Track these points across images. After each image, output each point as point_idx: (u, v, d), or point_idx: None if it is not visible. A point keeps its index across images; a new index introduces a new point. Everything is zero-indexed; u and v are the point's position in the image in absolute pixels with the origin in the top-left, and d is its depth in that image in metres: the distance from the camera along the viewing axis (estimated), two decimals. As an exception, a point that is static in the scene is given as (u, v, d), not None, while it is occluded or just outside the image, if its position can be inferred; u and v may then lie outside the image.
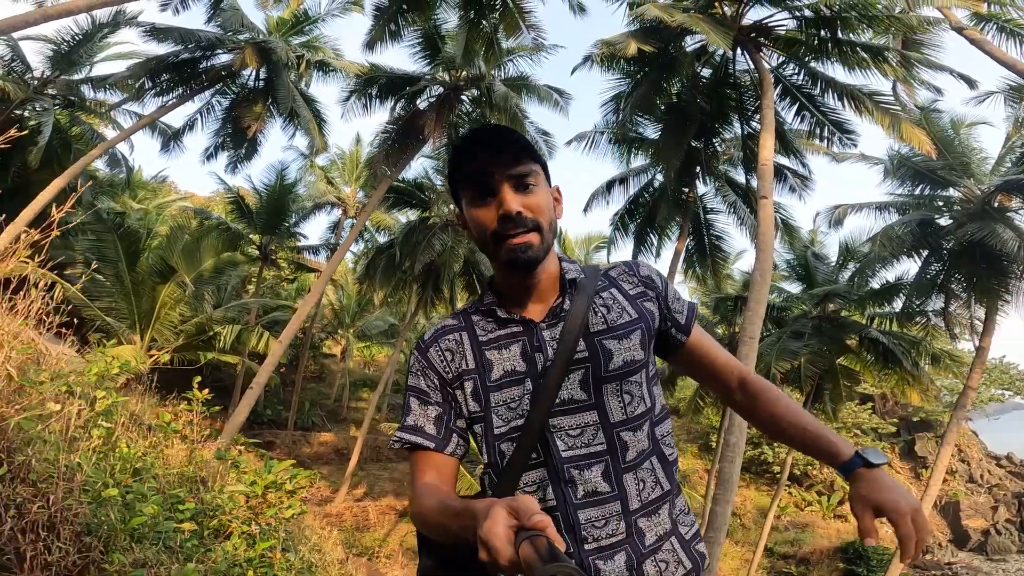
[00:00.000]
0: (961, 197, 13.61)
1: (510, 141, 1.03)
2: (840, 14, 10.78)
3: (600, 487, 1.00)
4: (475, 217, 1.04)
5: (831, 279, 14.87)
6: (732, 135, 13.31)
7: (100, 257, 11.82)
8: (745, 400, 1.16)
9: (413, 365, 1.12)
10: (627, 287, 1.13)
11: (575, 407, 1.02)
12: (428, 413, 1.07)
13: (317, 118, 14.32)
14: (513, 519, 0.65)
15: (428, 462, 1.04)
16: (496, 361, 1.05)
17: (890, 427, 23.01)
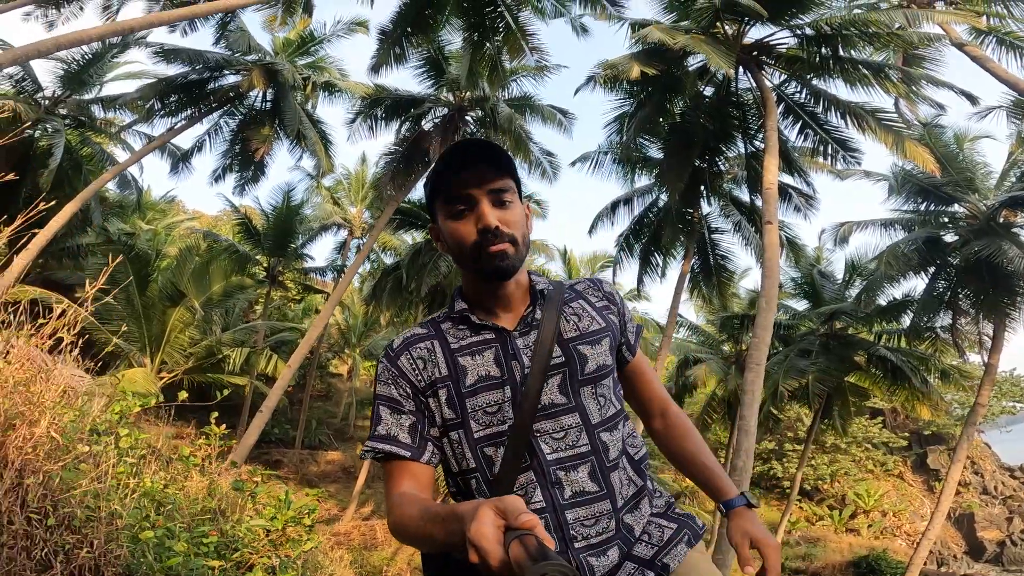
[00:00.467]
0: (966, 213, 13.73)
1: (488, 157, 1.06)
2: (840, 31, 10.97)
3: (588, 487, 1.03)
4: (453, 230, 1.07)
5: (838, 297, 14.95)
6: (736, 153, 13.48)
7: (111, 280, 12.04)
8: (662, 428, 1.26)
9: (382, 374, 1.12)
10: (592, 299, 1.18)
11: (556, 411, 1.05)
12: (401, 422, 1.07)
13: (323, 139, 14.60)
14: (500, 519, 0.66)
15: (404, 471, 1.04)
16: (470, 367, 1.07)
17: (901, 441, 22.95)
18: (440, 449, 1.09)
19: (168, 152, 14.90)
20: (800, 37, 11.61)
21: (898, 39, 11.59)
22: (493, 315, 1.11)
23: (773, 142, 9.76)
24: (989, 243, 12.22)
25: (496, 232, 1.02)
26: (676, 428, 1.25)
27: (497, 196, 1.05)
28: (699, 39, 10.55)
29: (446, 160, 1.06)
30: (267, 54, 14.36)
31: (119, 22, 7.88)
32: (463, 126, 14.03)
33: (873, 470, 23.09)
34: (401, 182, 12.94)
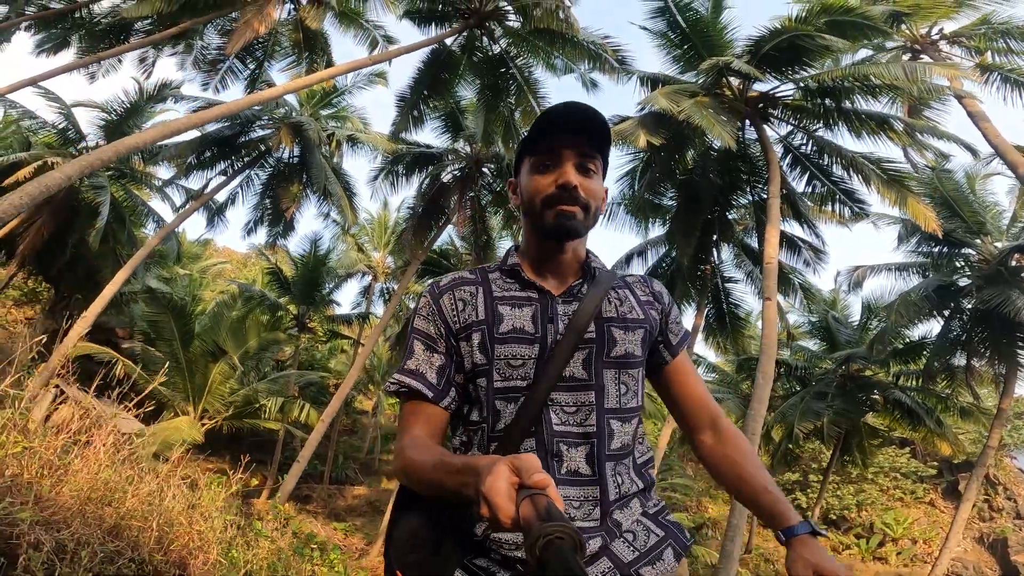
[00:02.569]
0: (977, 257, 14.20)
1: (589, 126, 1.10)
2: (842, 84, 11.62)
3: (582, 468, 1.04)
4: (532, 181, 1.11)
5: (853, 340, 15.52)
6: (747, 200, 14.17)
7: (157, 336, 13.41)
8: (714, 444, 1.19)
9: (422, 309, 1.14)
10: (639, 293, 1.21)
11: (575, 384, 1.06)
12: (432, 360, 1.09)
13: (347, 191, 15.79)
14: (515, 476, 0.67)
15: (421, 412, 1.06)
16: (507, 316, 1.09)
17: (930, 470, 23.19)
18: (462, 397, 1.11)
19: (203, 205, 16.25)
20: (804, 90, 12.25)
21: (900, 92, 12.21)
22: (543, 278, 1.15)
23: (775, 212, 10.43)
24: (999, 292, 12.70)
25: (573, 193, 1.07)
26: (729, 444, 1.18)
27: (584, 163, 1.10)
28: (703, 105, 11.31)
29: (549, 115, 1.11)
30: (293, 109, 15.62)
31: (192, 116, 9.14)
32: (480, 177, 15.06)
33: (903, 498, 23.37)
34: (422, 238, 14.02)
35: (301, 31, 14.02)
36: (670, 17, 12.91)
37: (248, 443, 18.45)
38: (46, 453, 3.17)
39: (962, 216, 14.39)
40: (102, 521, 3.14)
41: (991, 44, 14.11)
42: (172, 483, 4.25)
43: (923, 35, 15.00)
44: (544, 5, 12.18)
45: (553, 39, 12.73)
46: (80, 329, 11.26)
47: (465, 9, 13.31)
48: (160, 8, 12.72)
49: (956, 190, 14.39)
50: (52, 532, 2.70)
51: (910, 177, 12.46)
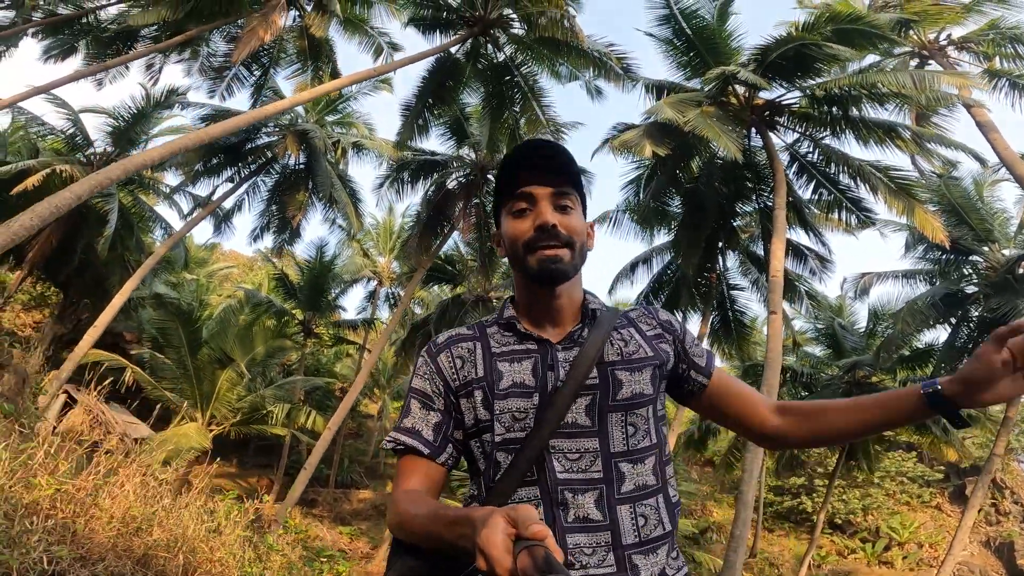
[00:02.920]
0: (985, 264, 14.26)
1: (557, 163, 1.10)
2: (849, 93, 11.66)
3: (592, 515, 1.01)
4: (511, 228, 1.10)
5: (859, 347, 15.61)
6: (752, 208, 14.26)
7: (165, 343, 13.62)
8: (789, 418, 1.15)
9: (420, 368, 1.15)
10: (645, 328, 1.18)
11: (577, 431, 1.04)
12: (428, 418, 1.09)
13: (353, 198, 15.93)
14: (512, 528, 0.67)
15: (418, 468, 1.06)
16: (506, 372, 1.08)
17: (937, 474, 23.28)
18: (460, 453, 1.12)
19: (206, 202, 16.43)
20: (810, 98, 12.28)
21: (908, 100, 12.26)
22: (540, 327, 1.14)
23: (781, 223, 10.51)
24: (1007, 301, 12.76)
25: (553, 232, 1.06)
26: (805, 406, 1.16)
27: (559, 200, 1.09)
28: (709, 115, 11.39)
29: (513, 159, 1.11)
30: (298, 116, 15.78)
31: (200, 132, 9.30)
32: (485, 184, 15.20)
33: (909, 502, 23.49)
34: (427, 245, 14.18)
35: (306, 38, 14.17)
36: (675, 25, 12.97)
37: (254, 447, 18.71)
38: (78, 494, 3.34)
39: (969, 223, 14.42)
40: (132, 553, 3.31)
41: (999, 49, 14.13)
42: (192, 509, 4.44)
43: (931, 41, 15.02)
44: (549, 14, 12.28)
45: (558, 47, 12.83)
46: (91, 338, 11.47)
47: (470, 17, 13.41)
48: (166, 16, 12.88)
49: (964, 197, 14.42)
50: (89, 567, 2.87)
51: (917, 185, 12.48)
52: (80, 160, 14.98)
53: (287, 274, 17.47)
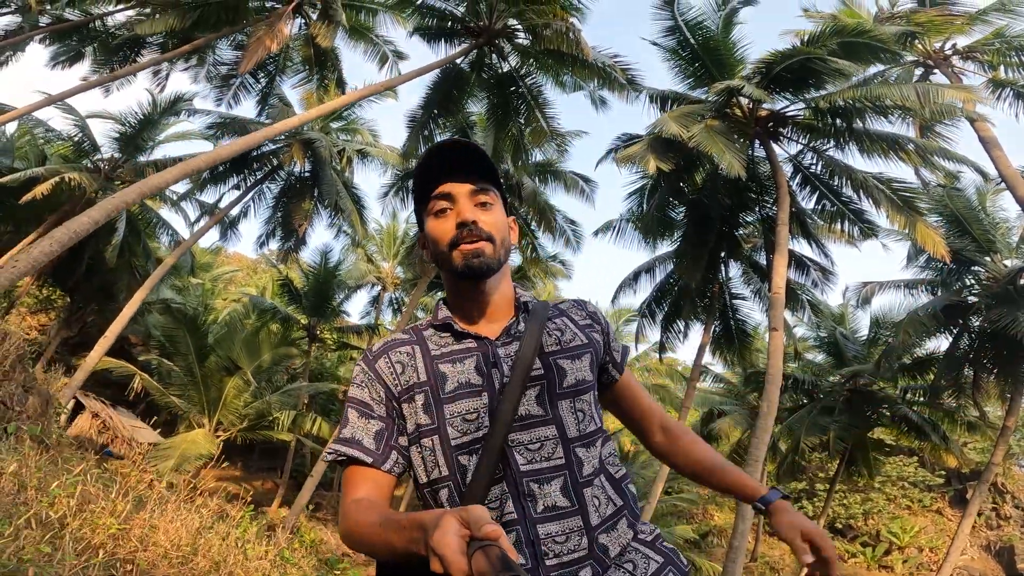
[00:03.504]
0: (987, 274, 14.45)
1: (472, 161, 1.12)
2: (853, 105, 11.81)
3: (560, 501, 1.03)
4: (434, 228, 1.12)
5: (861, 355, 15.84)
6: (755, 218, 14.44)
7: (173, 351, 13.89)
8: (666, 442, 1.27)
9: (358, 376, 1.14)
10: (576, 317, 1.23)
11: (532, 422, 1.06)
12: (368, 427, 1.08)
13: (357, 205, 16.16)
14: (464, 529, 0.67)
15: (364, 477, 1.05)
16: (450, 374, 1.08)
17: (937, 479, 23.54)
18: (407, 459, 1.10)
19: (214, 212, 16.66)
20: (814, 110, 12.43)
21: (912, 113, 12.39)
22: (475, 324, 1.16)
23: (784, 239, 10.67)
24: (1007, 312, 12.94)
25: (473, 228, 1.08)
26: (683, 437, 1.26)
27: (478, 197, 1.11)
28: (713, 129, 11.57)
29: (429, 161, 1.13)
30: (304, 123, 15.98)
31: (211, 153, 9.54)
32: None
33: (910, 506, 23.76)
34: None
35: (312, 47, 14.35)
36: (680, 36, 13.12)
37: (259, 450, 19.01)
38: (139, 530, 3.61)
39: (972, 234, 14.60)
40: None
41: (1004, 59, 14.21)
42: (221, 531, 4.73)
43: (936, 50, 15.13)
44: (554, 26, 12.43)
45: (563, 59, 12.98)
46: (102, 348, 11.74)
47: (475, 27, 13.57)
48: (173, 25, 13.07)
49: (967, 208, 14.58)
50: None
51: (920, 197, 12.66)
52: (87, 167, 15.21)
53: (292, 280, 17.72)
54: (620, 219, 14.38)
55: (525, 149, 13.68)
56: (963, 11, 14.45)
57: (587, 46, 12.06)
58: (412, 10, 13.68)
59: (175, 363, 13.79)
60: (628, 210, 14.23)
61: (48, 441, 6.27)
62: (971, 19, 14.21)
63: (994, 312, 13.47)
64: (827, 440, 14.95)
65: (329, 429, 14.99)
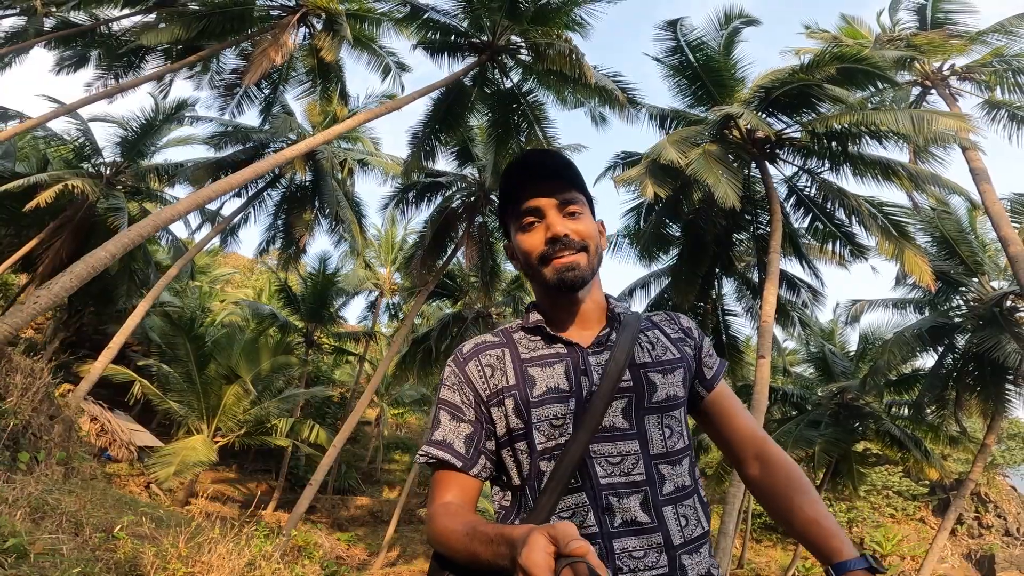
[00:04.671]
0: (974, 296, 15.04)
1: (557, 169, 1.13)
2: (849, 130, 12.28)
3: (640, 517, 1.03)
4: (523, 242, 1.14)
5: (849, 371, 16.45)
6: (748, 235, 14.93)
7: (172, 357, 14.26)
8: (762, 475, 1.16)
9: (448, 378, 1.15)
10: (668, 331, 1.22)
11: (616, 435, 1.06)
12: (459, 430, 1.10)
13: (357, 214, 16.52)
14: (552, 546, 0.68)
15: (452, 481, 1.07)
16: (539, 378, 1.10)
17: (922, 489, 24.33)
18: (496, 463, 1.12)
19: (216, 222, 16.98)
20: (811, 133, 12.89)
21: (906, 139, 12.86)
22: (567, 331, 1.16)
23: (775, 268, 11.14)
24: (991, 335, 13.52)
25: (565, 241, 1.09)
26: (779, 473, 1.14)
27: (566, 206, 1.12)
28: (710, 154, 12.01)
29: (512, 174, 1.14)
30: (306, 133, 16.28)
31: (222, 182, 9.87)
32: (488, 204, 15.81)
33: (894, 515, 24.56)
34: (431, 265, 14.81)
35: (316, 58, 14.63)
36: (682, 56, 13.53)
37: (254, 452, 19.44)
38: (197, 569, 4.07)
39: (960, 255, 15.16)
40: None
41: (1002, 80, 14.59)
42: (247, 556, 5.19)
43: (934, 71, 15.58)
44: (557, 47, 12.79)
45: (565, 78, 13.36)
46: (106, 358, 12.09)
47: (479, 43, 13.91)
48: (179, 35, 13.32)
49: (956, 229, 15.09)
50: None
51: (910, 220, 13.19)
52: (89, 171, 15.47)
53: (290, 285, 18.09)
54: (617, 235, 14.81)
55: (525, 165, 13.99)
56: (963, 30, 14.87)
57: (589, 69, 12.42)
58: (418, 24, 13.99)
59: (174, 369, 14.17)
60: (625, 226, 14.68)
61: (73, 465, 6.71)
62: (971, 40, 14.60)
63: (979, 334, 14.08)
64: (813, 453, 15.54)
65: (327, 436, 15.42)
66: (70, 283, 7.16)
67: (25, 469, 5.74)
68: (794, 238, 14.00)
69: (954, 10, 15.29)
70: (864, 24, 17.88)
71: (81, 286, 15.50)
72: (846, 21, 18.14)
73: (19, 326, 6.88)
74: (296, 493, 18.85)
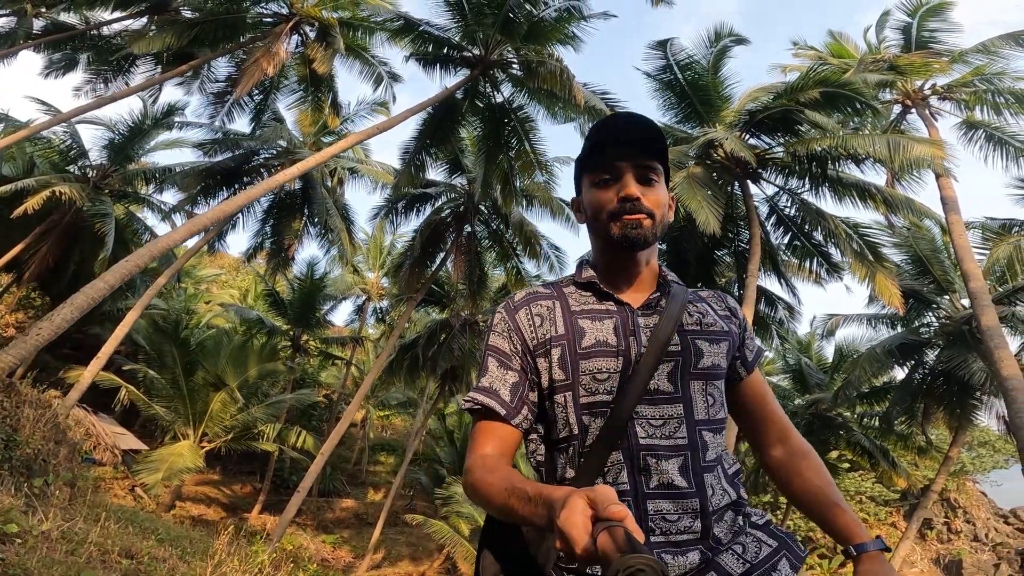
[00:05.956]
0: (944, 314, 15.86)
1: (643, 136, 1.16)
2: (829, 153, 12.88)
3: (677, 480, 1.04)
4: (595, 196, 1.17)
5: (823, 383, 17.27)
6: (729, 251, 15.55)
7: (160, 365, 14.57)
8: (783, 458, 1.22)
9: (498, 324, 1.18)
10: (716, 307, 1.26)
11: (661, 398, 1.08)
12: (506, 378, 1.12)
13: (346, 221, 16.88)
14: (590, 509, 0.69)
15: (493, 431, 1.09)
16: (589, 330, 1.12)
17: (893, 494, 25.36)
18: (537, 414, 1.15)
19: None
20: (793, 155, 13.48)
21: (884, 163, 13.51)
22: (619, 290, 1.19)
23: (752, 293, 11.76)
24: (959, 354, 14.34)
25: (636, 202, 1.12)
26: (800, 459, 1.21)
27: (643, 173, 1.16)
28: (695, 176, 12.59)
29: (601, 131, 1.18)
30: (296, 140, 16.57)
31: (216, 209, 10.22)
32: (477, 215, 16.26)
33: (867, 519, 25.60)
34: (420, 274, 15.25)
35: (308, 67, 14.90)
36: (671, 75, 14.06)
37: (239, 454, 19.78)
38: None
39: (933, 274, 15.95)
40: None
41: (982, 100, 15.10)
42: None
43: (915, 90, 16.16)
44: (548, 65, 13.23)
45: (554, 96, 13.81)
46: (96, 367, 12.40)
47: (471, 57, 14.30)
48: (171, 43, 13.53)
49: (930, 249, 15.85)
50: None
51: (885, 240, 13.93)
52: (75, 174, 15.63)
53: (277, 291, 18.40)
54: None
55: (514, 186, 14.47)
56: (947, 49, 15.37)
57: (579, 90, 12.87)
58: (412, 36, 14.29)
59: (161, 375, 14.48)
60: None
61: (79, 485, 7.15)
62: (952, 60, 15.10)
63: (947, 352, 14.88)
64: (788, 463, 16.26)
65: (314, 442, 15.83)
66: (70, 314, 7.53)
67: (39, 493, 6.16)
68: (774, 256, 14.63)
69: (939, 29, 15.68)
70: (851, 41, 18.31)
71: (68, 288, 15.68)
72: (833, 37, 18.60)
73: (22, 357, 7.24)
74: (281, 495, 19.26)
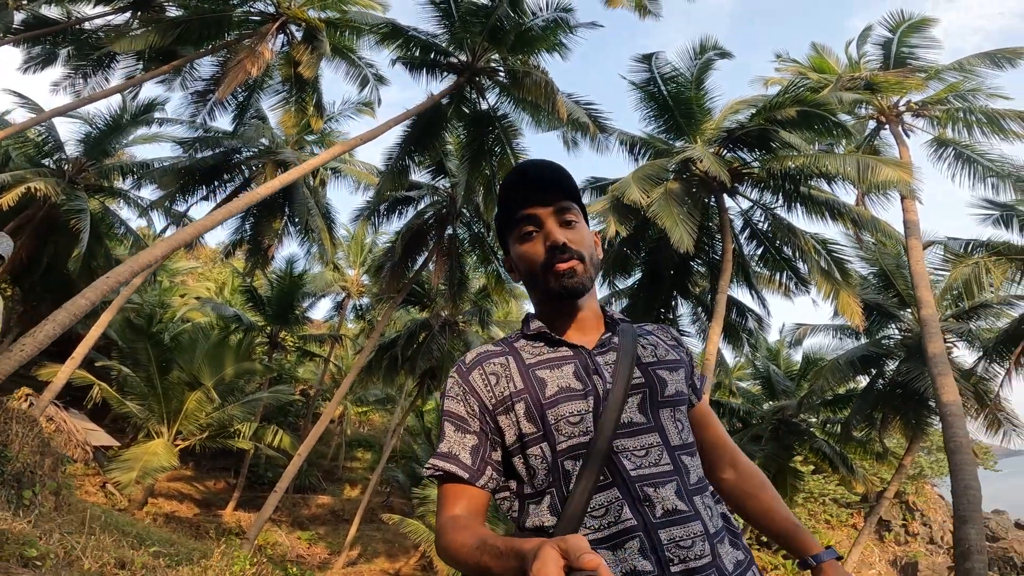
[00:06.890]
0: (905, 327, 16.69)
1: (553, 179, 1.19)
2: (802, 171, 13.47)
3: (679, 505, 1.05)
4: (523, 252, 1.20)
5: (790, 390, 18.06)
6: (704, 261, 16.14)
7: (134, 362, 14.68)
8: (735, 480, 1.30)
9: (452, 389, 1.18)
10: (663, 338, 1.31)
11: (637, 429, 1.10)
12: (464, 441, 1.12)
13: (327, 220, 17.06)
14: (563, 559, 0.69)
15: (459, 494, 1.10)
16: (549, 379, 1.13)
17: (854, 497, 26.48)
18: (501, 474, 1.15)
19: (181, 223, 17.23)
20: (768, 172, 14.06)
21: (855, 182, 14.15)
22: (569, 336, 1.21)
23: (721, 307, 12.37)
24: (915, 367, 15.18)
25: (564, 248, 1.15)
26: (750, 479, 1.28)
27: (562, 216, 1.18)
28: (672, 192, 13.11)
29: (512, 186, 1.21)
30: (279, 140, 16.67)
31: (198, 224, 10.39)
32: (459, 217, 16.59)
33: (829, 520, 26.70)
34: (401, 276, 15.55)
35: (293, 68, 15.01)
36: (655, 87, 14.48)
37: (211, 451, 19.92)
38: None
39: (896, 288, 16.76)
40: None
41: (953, 118, 15.64)
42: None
43: (890, 106, 16.78)
44: (534, 77, 13.56)
45: (539, 107, 14.16)
46: (70, 368, 12.51)
47: (458, 63, 14.57)
48: (154, 42, 13.55)
49: (894, 264, 16.65)
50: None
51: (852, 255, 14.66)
52: (51, 168, 15.54)
53: (255, 287, 18.48)
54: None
55: (497, 186, 14.84)
56: (925, 65, 15.92)
57: (562, 103, 13.24)
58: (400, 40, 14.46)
59: (135, 373, 14.57)
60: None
61: (63, 494, 7.43)
62: (928, 77, 15.66)
63: (905, 364, 15.71)
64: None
65: (291, 441, 16.09)
66: (53, 331, 7.71)
67: (28, 505, 6.45)
68: (746, 268, 15.27)
69: (919, 45, 16.22)
70: (833, 54, 18.77)
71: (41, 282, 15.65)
72: (816, 51, 19.08)
73: (6, 373, 7.42)
74: (256, 492, 19.51)
